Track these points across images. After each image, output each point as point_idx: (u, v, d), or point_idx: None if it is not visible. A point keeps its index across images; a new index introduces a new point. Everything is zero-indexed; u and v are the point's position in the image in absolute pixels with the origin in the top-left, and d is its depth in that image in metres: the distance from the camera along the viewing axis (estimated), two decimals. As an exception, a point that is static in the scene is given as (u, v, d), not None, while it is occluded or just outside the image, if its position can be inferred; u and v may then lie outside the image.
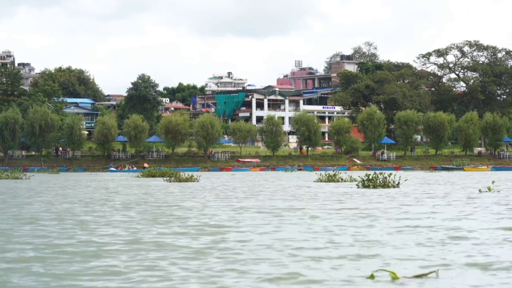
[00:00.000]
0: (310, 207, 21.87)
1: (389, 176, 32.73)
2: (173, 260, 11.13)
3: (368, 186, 32.62)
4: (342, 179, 40.90)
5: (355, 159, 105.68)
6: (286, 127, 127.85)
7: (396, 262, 10.88)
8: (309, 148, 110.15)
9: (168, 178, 45.08)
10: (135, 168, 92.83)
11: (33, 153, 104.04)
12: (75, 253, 11.89)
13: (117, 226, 16.39)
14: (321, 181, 43.29)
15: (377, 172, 33.42)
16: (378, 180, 32.33)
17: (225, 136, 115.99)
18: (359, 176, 35.93)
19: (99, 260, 11.15)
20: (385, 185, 32.61)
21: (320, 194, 29.42)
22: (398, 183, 33.15)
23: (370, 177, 32.85)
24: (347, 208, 21.44)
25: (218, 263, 10.88)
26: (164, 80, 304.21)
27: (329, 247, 12.46)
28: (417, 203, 23.64)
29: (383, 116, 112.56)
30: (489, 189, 29.48)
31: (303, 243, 13.01)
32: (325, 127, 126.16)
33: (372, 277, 9.34)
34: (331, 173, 43.57)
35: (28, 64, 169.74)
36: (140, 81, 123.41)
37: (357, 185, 34.03)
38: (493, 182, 32.09)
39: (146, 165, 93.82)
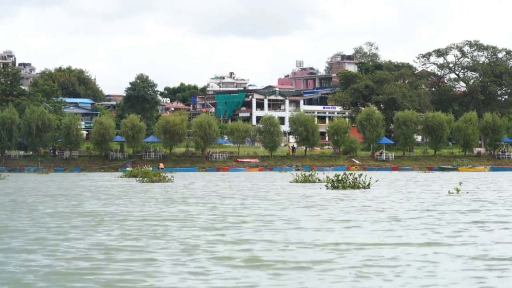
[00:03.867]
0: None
1: (359, 177, 32.08)
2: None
3: (337, 187, 31.84)
4: (319, 180, 40.31)
5: (354, 159, 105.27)
6: (286, 127, 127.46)
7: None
8: (308, 148, 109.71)
9: (140, 179, 44.70)
10: (150, 168, 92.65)
11: (31, 153, 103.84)
12: None
13: None
14: (297, 181, 42.67)
15: (347, 172, 32.77)
16: (347, 181, 31.67)
17: (225, 136, 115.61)
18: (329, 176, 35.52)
19: None
20: (355, 186, 31.87)
21: (270, 196, 28.83)
22: (369, 184, 32.49)
23: (340, 177, 32.11)
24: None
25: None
26: (166, 80, 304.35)
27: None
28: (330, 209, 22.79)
29: (382, 116, 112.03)
30: (457, 190, 28.89)
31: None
32: (325, 127, 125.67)
33: None
34: (307, 173, 42.95)
35: (28, 64, 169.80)
36: (138, 81, 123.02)
37: (326, 186, 33.22)
38: (460, 183, 31.38)
39: (161, 165, 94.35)
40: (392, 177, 63.73)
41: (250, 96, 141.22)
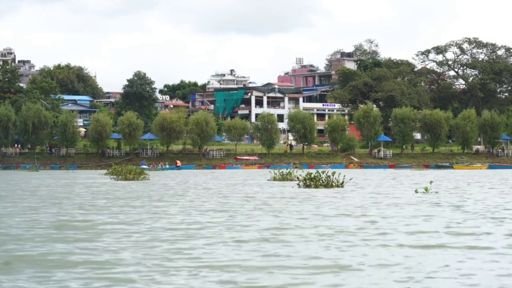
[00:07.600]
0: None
1: (333, 175, 31.58)
2: None
3: (309, 186, 31.25)
4: (297, 178, 39.81)
5: (352, 157, 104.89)
6: (286, 125, 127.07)
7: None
8: (306, 146, 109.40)
9: (115, 176, 44.22)
10: (167, 166, 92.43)
11: (27, 150, 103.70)
12: None
13: None
14: (274, 179, 42.01)
15: (320, 170, 32.27)
16: (320, 180, 31.16)
17: (223, 133, 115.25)
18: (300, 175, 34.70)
19: None
20: (328, 184, 31.29)
21: (211, 197, 27.57)
22: (342, 182, 31.89)
23: (313, 175, 31.57)
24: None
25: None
26: (168, 78, 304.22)
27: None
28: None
29: (380, 114, 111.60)
30: (426, 189, 28.38)
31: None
32: (324, 124, 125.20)
33: None
34: (285, 171, 42.48)
35: (28, 62, 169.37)
36: (135, 78, 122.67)
37: (298, 184, 32.54)
38: (431, 182, 30.88)
39: (179, 163, 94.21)
40: (382, 174, 63.28)
41: (249, 94, 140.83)
